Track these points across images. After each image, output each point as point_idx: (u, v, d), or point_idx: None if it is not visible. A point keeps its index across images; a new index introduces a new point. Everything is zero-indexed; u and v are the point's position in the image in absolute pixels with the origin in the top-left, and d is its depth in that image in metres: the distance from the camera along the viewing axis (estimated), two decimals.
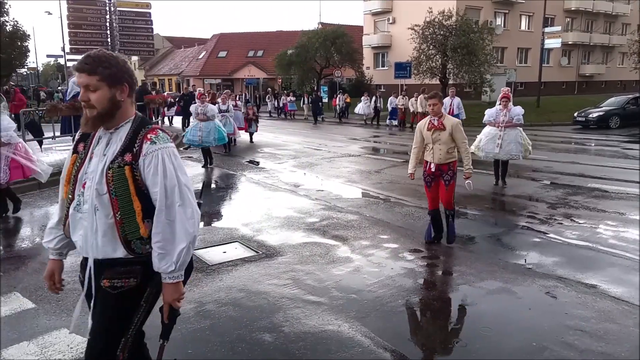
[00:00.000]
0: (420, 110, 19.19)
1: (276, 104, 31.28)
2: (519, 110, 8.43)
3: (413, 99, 20.60)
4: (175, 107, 20.16)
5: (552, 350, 3.43)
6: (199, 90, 13.46)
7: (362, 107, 24.77)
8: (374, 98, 24.48)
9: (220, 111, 12.48)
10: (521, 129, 8.64)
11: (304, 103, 29.53)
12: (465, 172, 5.64)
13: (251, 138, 16.06)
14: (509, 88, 10.54)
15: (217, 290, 4.48)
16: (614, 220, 6.60)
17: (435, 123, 5.47)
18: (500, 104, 8.63)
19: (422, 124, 5.68)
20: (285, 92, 33.01)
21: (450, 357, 3.41)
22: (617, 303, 4.16)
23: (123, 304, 2.20)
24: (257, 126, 16.17)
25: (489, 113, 8.69)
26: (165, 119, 21.99)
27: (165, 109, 19.36)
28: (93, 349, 2.25)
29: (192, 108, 11.17)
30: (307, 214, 7.08)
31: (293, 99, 29.91)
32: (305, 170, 10.89)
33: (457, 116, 12.62)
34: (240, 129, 14.79)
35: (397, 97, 22.32)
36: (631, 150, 13.73)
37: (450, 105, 15.23)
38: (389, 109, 22.73)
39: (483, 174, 10.03)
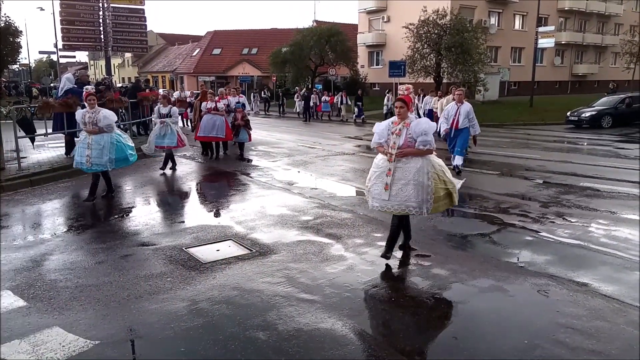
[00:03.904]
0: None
1: (303, 104, 27.23)
2: (425, 126, 4.78)
3: (444, 99, 16.39)
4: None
5: (543, 348, 3.45)
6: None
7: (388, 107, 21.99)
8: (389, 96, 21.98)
9: (160, 116, 10.23)
10: (433, 158, 4.98)
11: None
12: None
13: (241, 150, 12.61)
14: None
15: (210, 288, 4.47)
16: (605, 219, 6.65)
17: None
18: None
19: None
20: (316, 89, 30.25)
21: (442, 354, 3.43)
22: (608, 301, 4.19)
23: None
24: (249, 134, 12.73)
25: (378, 129, 5.08)
26: None
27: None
28: None
29: (77, 115, 7.84)
30: (301, 212, 7.08)
31: (328, 98, 26.91)
32: (299, 169, 10.88)
33: (464, 132, 9.62)
34: (230, 134, 12.27)
35: (432, 97, 18.10)
36: (623, 149, 13.83)
37: (456, 114, 9.60)
38: (424, 110, 18.21)
39: (476, 172, 10.08)
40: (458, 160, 9.77)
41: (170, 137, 10.19)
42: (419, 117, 20.14)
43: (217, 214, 7.31)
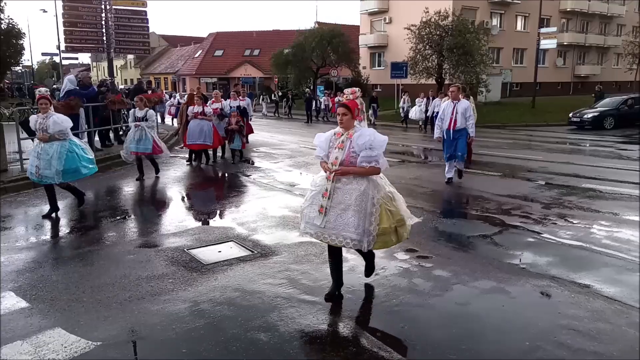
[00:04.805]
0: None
1: (305, 105, 27.02)
2: (369, 138, 3.92)
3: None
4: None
5: (545, 350, 3.45)
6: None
7: (417, 110, 20.29)
8: (425, 100, 20.00)
9: (135, 119, 9.41)
10: (379, 179, 4.09)
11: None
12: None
13: (234, 156, 12.03)
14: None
15: (212, 289, 4.48)
16: (607, 221, 6.63)
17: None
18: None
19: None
20: (327, 91, 29.18)
21: (444, 356, 3.42)
22: (610, 303, 4.18)
23: None
24: (243, 141, 12.14)
25: (318, 141, 4.23)
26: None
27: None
28: None
29: (31, 120, 7.09)
30: None
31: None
32: (301, 170, 10.89)
33: (464, 133, 8.74)
34: (219, 140, 11.78)
35: (441, 99, 15.79)
36: (625, 150, 13.81)
37: (453, 112, 8.72)
38: (433, 113, 16.49)
39: (478, 173, 10.07)
40: (459, 165, 9.07)
41: (144, 143, 9.34)
42: (426, 120, 18.98)
43: (218, 216, 7.32)
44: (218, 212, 7.57)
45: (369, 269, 4.56)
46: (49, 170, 6.64)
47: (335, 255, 4.23)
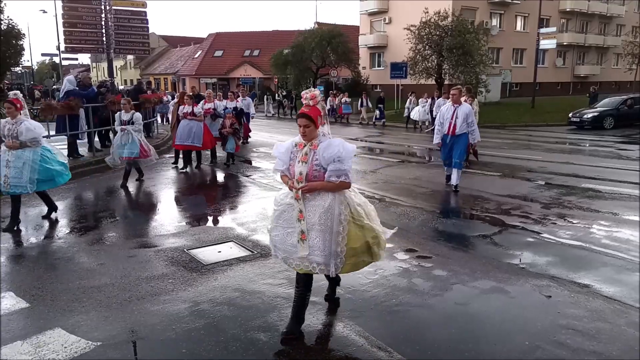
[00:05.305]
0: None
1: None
2: (338, 149, 3.46)
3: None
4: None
5: (544, 349, 3.45)
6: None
7: (420, 111, 19.82)
8: (429, 100, 19.74)
9: (121, 122, 8.94)
10: (351, 194, 3.67)
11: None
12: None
13: (228, 160, 11.60)
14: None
15: (211, 289, 4.49)
16: (607, 220, 6.64)
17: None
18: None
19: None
20: (333, 92, 28.64)
21: (444, 356, 3.43)
22: (609, 302, 4.19)
23: None
24: (237, 143, 11.56)
25: (277, 152, 3.77)
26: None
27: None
28: None
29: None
30: None
31: (348, 100, 25.53)
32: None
33: (462, 139, 8.25)
34: (211, 142, 11.25)
35: (444, 100, 16.16)
36: (625, 150, 13.81)
37: (453, 117, 8.20)
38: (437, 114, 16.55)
39: (477, 174, 10.07)
40: (454, 178, 8.43)
41: (130, 147, 8.87)
42: (433, 121, 18.49)
43: (218, 216, 7.32)
44: (218, 212, 7.57)
45: (332, 295, 4.19)
46: (20, 179, 6.21)
47: (304, 283, 3.67)
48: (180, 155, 11.20)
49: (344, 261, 3.52)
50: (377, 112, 23.76)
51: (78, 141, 11.67)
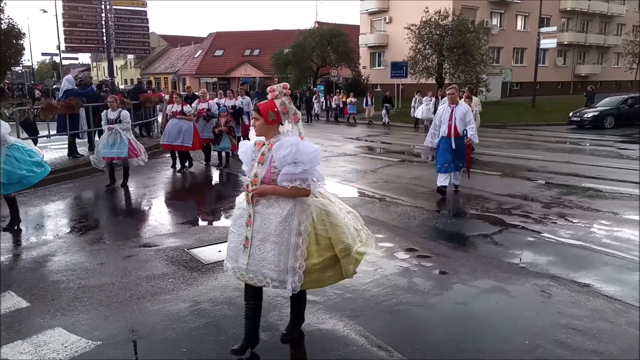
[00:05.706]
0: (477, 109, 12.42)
1: (326, 104, 26.54)
2: (289, 149, 3.09)
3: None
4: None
5: (545, 349, 3.45)
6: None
7: (424, 109, 18.66)
8: (433, 99, 18.87)
9: (108, 121, 8.60)
10: (318, 201, 3.26)
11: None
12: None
13: (221, 159, 11.21)
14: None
15: (212, 289, 4.48)
16: (607, 220, 6.63)
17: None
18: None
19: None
20: (339, 91, 28.52)
21: (444, 355, 3.43)
22: (609, 302, 4.19)
23: None
24: (233, 142, 10.77)
25: (241, 152, 3.46)
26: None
27: None
28: None
29: None
30: None
31: (354, 99, 25.08)
32: None
33: (463, 139, 7.80)
34: (202, 142, 10.85)
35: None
36: (625, 150, 13.80)
37: (451, 118, 7.76)
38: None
39: (478, 173, 10.07)
40: (456, 178, 8.24)
41: (119, 147, 8.49)
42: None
43: (218, 215, 7.32)
44: (218, 211, 7.57)
45: (294, 322, 3.56)
46: None
47: (255, 298, 3.33)
48: (176, 155, 10.87)
49: (302, 278, 3.07)
50: (384, 111, 23.68)
51: (78, 140, 11.68)
